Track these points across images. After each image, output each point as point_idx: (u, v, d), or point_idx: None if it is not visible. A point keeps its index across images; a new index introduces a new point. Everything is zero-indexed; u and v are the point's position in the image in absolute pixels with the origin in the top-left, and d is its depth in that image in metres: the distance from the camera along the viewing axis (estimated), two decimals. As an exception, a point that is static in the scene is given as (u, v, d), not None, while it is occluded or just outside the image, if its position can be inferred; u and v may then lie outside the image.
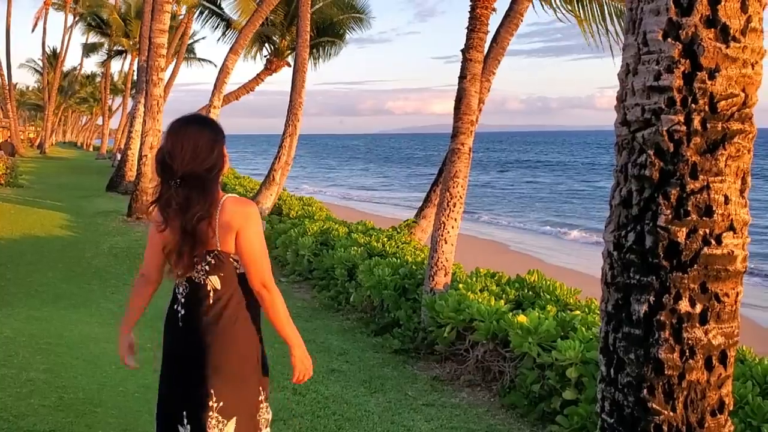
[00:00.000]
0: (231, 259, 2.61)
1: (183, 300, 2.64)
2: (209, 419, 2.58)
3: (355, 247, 8.99)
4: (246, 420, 2.64)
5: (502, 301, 6.11)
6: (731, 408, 2.14)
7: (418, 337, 6.56)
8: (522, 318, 5.34)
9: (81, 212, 15.75)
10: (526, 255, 17.69)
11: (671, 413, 2.07)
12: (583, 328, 5.10)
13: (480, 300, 6.05)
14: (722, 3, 1.99)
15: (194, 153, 2.55)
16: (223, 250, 2.59)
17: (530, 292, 6.65)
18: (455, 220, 6.78)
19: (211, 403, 2.57)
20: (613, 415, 2.17)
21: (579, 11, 6.65)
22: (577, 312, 5.67)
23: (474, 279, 6.99)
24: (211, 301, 2.59)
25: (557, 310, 5.88)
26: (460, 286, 6.61)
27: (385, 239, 9.50)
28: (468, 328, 5.94)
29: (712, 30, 2.01)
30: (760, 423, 3.69)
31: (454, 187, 6.77)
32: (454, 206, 6.76)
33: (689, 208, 2.05)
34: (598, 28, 6.61)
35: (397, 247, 9.10)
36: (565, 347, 4.80)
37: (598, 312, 5.91)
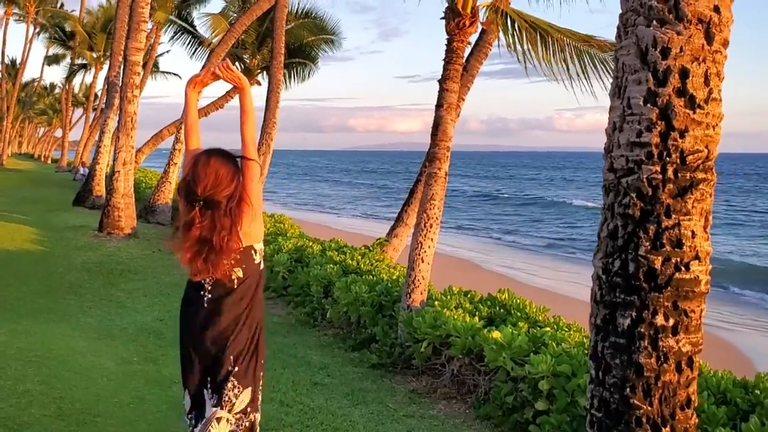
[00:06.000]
0: (252, 252, 3.12)
1: (209, 287, 3.09)
2: (227, 382, 3.02)
3: (331, 265, 9.26)
4: (255, 394, 3.10)
5: (476, 318, 6.46)
6: (696, 404, 2.61)
7: (395, 352, 6.86)
8: (496, 334, 5.70)
9: (49, 227, 15.65)
10: (495, 273, 18.14)
11: (649, 408, 2.53)
12: (554, 344, 5.47)
13: (455, 317, 6.39)
14: (690, 78, 2.49)
15: (216, 180, 2.99)
16: (245, 246, 3.08)
17: (502, 310, 7.01)
18: (432, 240, 7.13)
19: (229, 368, 3.03)
20: (601, 410, 2.62)
21: (540, 51, 7.27)
22: (548, 329, 6.05)
23: (449, 297, 7.33)
24: (235, 286, 3.11)
25: (528, 326, 6.26)
26: (436, 303, 6.94)
27: (359, 257, 9.79)
28: (444, 344, 6.27)
29: (683, 99, 2.50)
30: (715, 428, 4.10)
31: (431, 209, 7.13)
32: (431, 227, 7.12)
33: (664, 241, 2.53)
34: (560, 66, 7.29)
35: (372, 264, 9.40)
36: (537, 361, 5.17)
37: (566, 329, 6.33)
